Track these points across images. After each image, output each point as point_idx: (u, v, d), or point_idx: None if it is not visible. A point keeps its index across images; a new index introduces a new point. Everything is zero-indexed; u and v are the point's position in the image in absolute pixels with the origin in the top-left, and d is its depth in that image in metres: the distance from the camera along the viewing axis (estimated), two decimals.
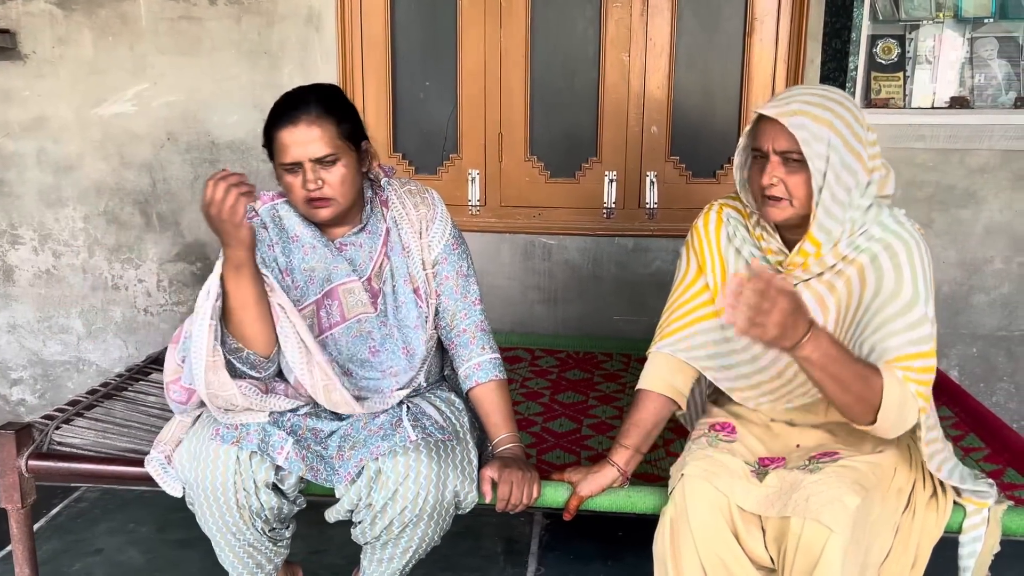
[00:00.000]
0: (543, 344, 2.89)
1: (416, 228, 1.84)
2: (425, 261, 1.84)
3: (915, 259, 1.55)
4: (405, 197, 1.86)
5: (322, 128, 1.68)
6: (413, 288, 1.83)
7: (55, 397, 3.23)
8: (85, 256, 3.15)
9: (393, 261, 1.83)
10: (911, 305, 1.53)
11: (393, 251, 1.83)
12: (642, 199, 3.02)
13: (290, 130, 1.68)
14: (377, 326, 1.82)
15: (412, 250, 1.83)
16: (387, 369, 1.83)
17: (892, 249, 1.56)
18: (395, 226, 1.84)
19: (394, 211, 1.85)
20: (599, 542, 2.53)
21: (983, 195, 2.83)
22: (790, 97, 1.56)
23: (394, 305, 1.83)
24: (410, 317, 1.83)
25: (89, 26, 2.96)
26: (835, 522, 1.44)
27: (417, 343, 1.84)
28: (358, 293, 1.80)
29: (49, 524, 2.61)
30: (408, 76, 3.07)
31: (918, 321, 1.53)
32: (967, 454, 2.02)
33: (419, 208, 1.85)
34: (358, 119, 1.79)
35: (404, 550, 1.71)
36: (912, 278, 1.54)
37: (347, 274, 1.80)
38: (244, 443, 1.65)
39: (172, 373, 1.78)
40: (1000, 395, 2.97)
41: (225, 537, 1.70)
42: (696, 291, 1.76)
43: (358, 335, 1.82)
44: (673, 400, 1.75)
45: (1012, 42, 2.78)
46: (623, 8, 2.91)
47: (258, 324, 1.70)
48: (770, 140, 1.55)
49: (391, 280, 1.83)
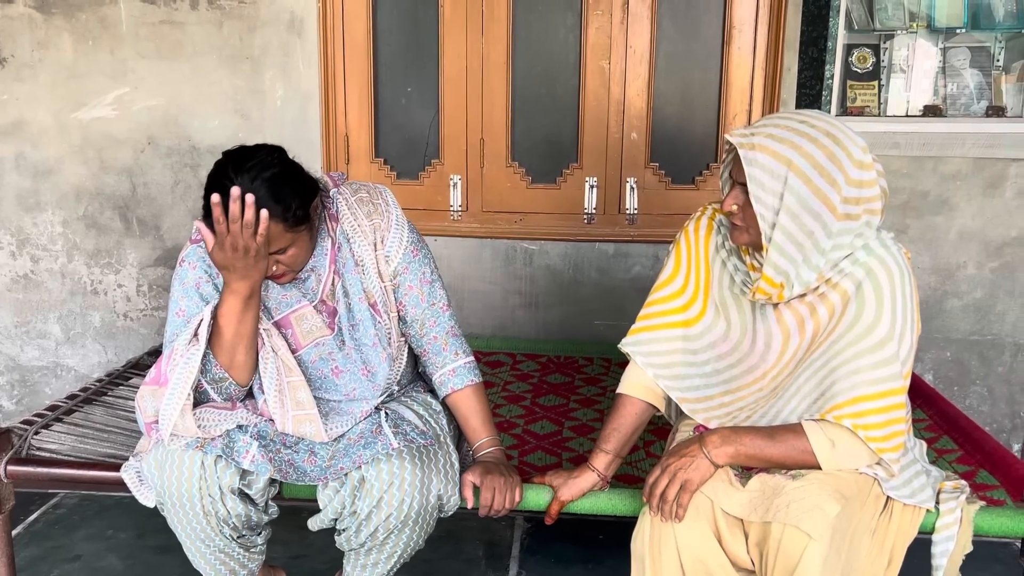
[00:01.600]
0: (524, 349, 2.91)
1: (370, 239, 1.76)
2: (383, 273, 1.77)
3: (897, 290, 1.54)
4: (356, 207, 1.77)
5: (271, 232, 1.58)
6: (370, 303, 1.77)
7: (33, 403, 3.20)
8: (64, 261, 3.13)
9: (345, 278, 1.76)
10: (884, 343, 1.52)
11: (345, 267, 1.76)
12: (622, 205, 3.05)
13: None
14: (337, 347, 1.78)
15: (367, 263, 1.76)
16: (350, 392, 1.79)
17: (876, 277, 1.54)
18: (346, 241, 1.76)
19: (345, 224, 1.76)
20: (580, 545, 2.55)
21: (956, 202, 2.88)
22: (762, 126, 1.53)
23: (350, 324, 1.77)
24: (367, 335, 1.77)
25: (69, 30, 2.95)
26: (815, 529, 1.45)
27: (376, 361, 1.78)
28: (311, 318, 1.75)
29: (27, 531, 2.59)
30: (390, 82, 3.08)
31: (887, 360, 1.52)
32: (940, 456, 2.06)
33: (372, 217, 1.77)
34: (303, 187, 1.65)
35: (389, 555, 1.71)
36: (892, 311, 1.53)
37: (297, 300, 1.75)
38: (208, 447, 1.62)
39: (151, 417, 1.68)
40: (973, 398, 3.02)
41: (195, 544, 1.68)
42: (670, 294, 1.74)
43: (319, 359, 1.78)
44: (652, 404, 1.77)
45: (984, 52, 2.84)
46: (604, 16, 2.94)
47: (251, 353, 1.69)
48: (737, 166, 1.54)
49: (344, 298, 1.76)
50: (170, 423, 1.62)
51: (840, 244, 1.52)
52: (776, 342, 1.64)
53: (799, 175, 1.47)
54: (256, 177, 1.57)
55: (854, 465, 1.56)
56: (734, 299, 1.69)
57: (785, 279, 1.54)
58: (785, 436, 1.55)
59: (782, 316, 1.62)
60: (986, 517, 1.70)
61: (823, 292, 1.57)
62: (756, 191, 1.49)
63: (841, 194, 1.49)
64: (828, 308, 1.57)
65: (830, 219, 1.50)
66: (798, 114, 1.55)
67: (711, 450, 1.54)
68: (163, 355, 1.72)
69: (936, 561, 1.67)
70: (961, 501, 1.68)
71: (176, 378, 1.64)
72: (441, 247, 3.00)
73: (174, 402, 1.63)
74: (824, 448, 1.53)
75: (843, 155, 1.49)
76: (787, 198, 1.48)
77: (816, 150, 1.48)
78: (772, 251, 1.52)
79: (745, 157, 1.49)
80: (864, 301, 1.53)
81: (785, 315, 1.62)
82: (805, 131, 1.49)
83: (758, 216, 1.51)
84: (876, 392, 1.51)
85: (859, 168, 1.50)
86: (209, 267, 1.74)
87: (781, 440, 1.55)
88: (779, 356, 1.64)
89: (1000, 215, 2.87)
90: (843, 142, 1.50)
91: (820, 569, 1.45)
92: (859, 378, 1.52)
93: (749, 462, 1.56)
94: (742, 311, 1.68)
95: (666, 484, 1.54)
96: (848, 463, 1.55)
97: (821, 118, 1.53)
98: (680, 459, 1.55)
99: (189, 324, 1.70)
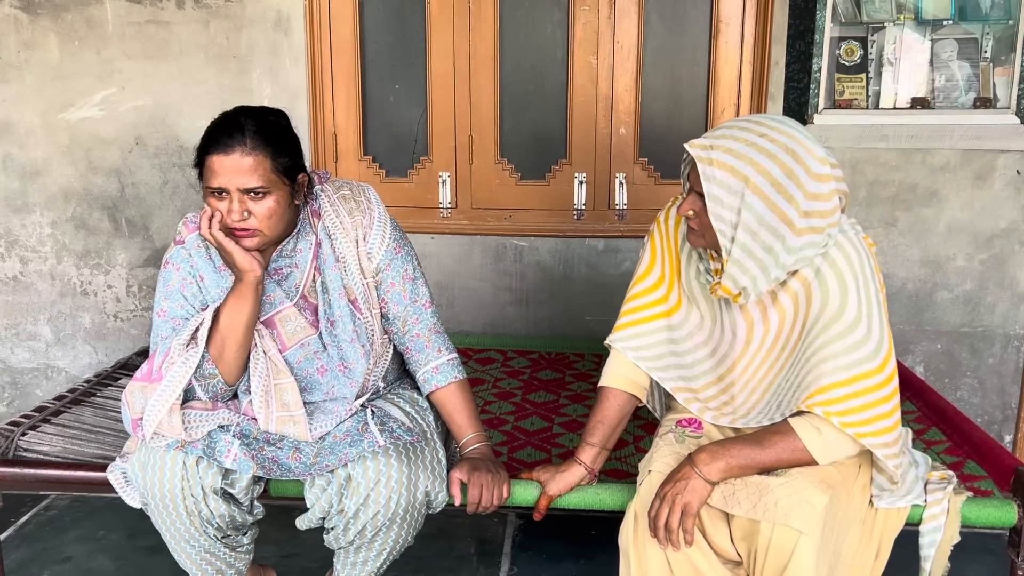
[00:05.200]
0: (515, 345, 2.91)
1: (352, 236, 1.77)
2: (365, 269, 1.78)
3: (857, 271, 1.53)
4: (339, 204, 1.78)
5: (256, 160, 1.61)
6: (350, 300, 1.77)
7: (24, 405, 3.19)
8: (53, 262, 3.12)
9: (325, 274, 1.76)
10: (853, 326, 1.51)
11: (326, 263, 1.76)
12: (611, 200, 3.04)
13: (221, 158, 1.60)
14: (321, 347, 1.78)
15: (348, 260, 1.77)
16: (330, 390, 1.79)
17: (833, 262, 1.53)
18: (327, 238, 1.76)
19: (327, 220, 1.77)
20: (571, 541, 2.55)
21: (945, 194, 2.88)
22: (721, 137, 1.51)
23: (329, 320, 1.77)
24: (346, 331, 1.76)
25: (55, 31, 2.94)
26: (804, 524, 1.45)
27: (354, 358, 1.77)
28: (295, 319, 1.75)
29: (17, 533, 2.58)
30: (377, 79, 3.07)
31: (860, 341, 1.51)
32: (929, 447, 2.06)
33: (354, 215, 1.78)
34: (298, 152, 1.71)
35: (378, 553, 1.71)
36: (856, 293, 1.52)
37: (280, 301, 1.75)
38: (189, 448, 1.62)
39: (138, 413, 1.68)
40: (964, 390, 3.03)
41: (180, 544, 1.68)
42: (649, 287, 1.75)
43: (304, 359, 1.78)
44: (635, 395, 1.77)
45: (971, 43, 2.84)
46: (591, 11, 2.93)
47: (244, 350, 1.70)
48: (695, 173, 1.53)
49: (324, 294, 1.77)
50: (155, 421, 1.62)
51: (804, 257, 1.52)
52: (741, 331, 1.64)
53: (756, 192, 1.48)
54: (259, 119, 1.64)
55: (844, 454, 1.55)
56: (701, 289, 1.70)
57: (743, 291, 1.55)
58: (773, 439, 1.54)
59: (745, 306, 1.63)
60: (973, 508, 1.70)
61: (784, 280, 1.57)
62: (714, 208, 1.49)
63: (800, 208, 1.48)
64: (790, 296, 1.58)
65: (788, 234, 1.49)
66: (759, 124, 1.52)
67: (702, 468, 1.53)
68: (154, 352, 1.72)
69: (924, 552, 1.67)
70: (948, 492, 1.68)
71: (170, 378, 1.64)
72: (431, 244, 3.00)
73: (163, 400, 1.63)
74: (815, 441, 1.52)
75: (801, 170, 1.48)
76: (744, 215, 1.48)
77: (773, 166, 1.47)
78: (731, 266, 1.52)
79: (703, 173, 1.49)
80: (827, 287, 1.53)
81: (748, 304, 1.62)
82: (764, 146, 1.48)
83: (717, 232, 1.51)
84: (848, 377, 1.50)
85: (817, 181, 1.49)
86: (193, 268, 1.74)
87: (770, 444, 1.54)
88: (745, 345, 1.64)
89: (989, 207, 2.87)
90: (801, 156, 1.48)
91: (813, 562, 1.45)
92: (829, 365, 1.51)
93: (744, 472, 1.54)
94: (709, 301, 1.69)
95: (667, 513, 1.53)
96: (839, 453, 1.54)
97: (781, 130, 1.50)
98: (675, 484, 1.54)
99: (186, 324, 1.70)
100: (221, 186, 1.62)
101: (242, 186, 1.61)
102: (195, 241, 1.75)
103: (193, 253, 1.75)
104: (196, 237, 1.75)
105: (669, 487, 1.54)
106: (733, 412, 1.68)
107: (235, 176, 1.60)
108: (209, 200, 1.65)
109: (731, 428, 1.71)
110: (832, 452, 1.54)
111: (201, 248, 1.75)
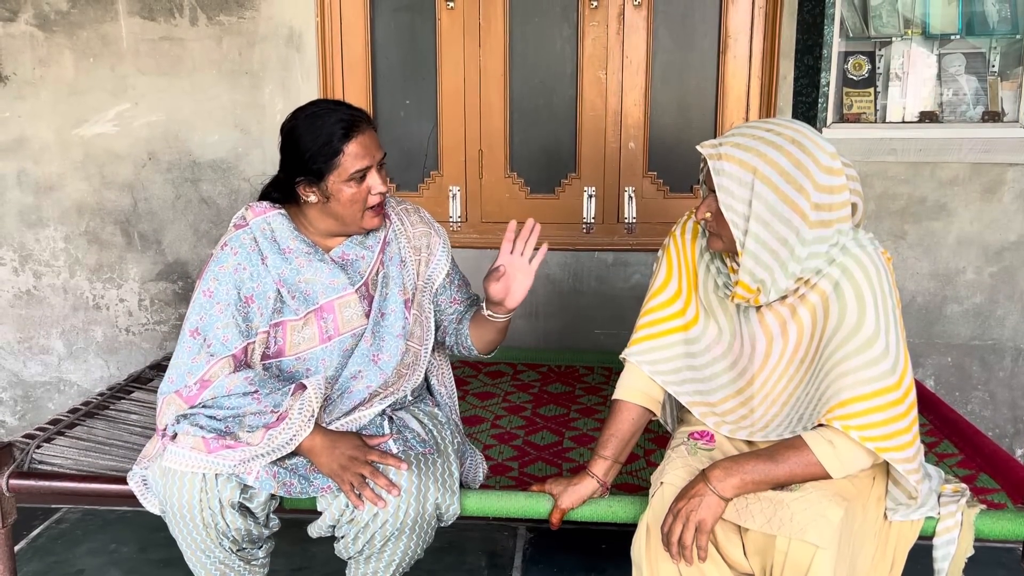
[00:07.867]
0: (525, 358, 2.91)
1: (413, 244, 1.89)
2: (420, 274, 1.90)
3: (875, 286, 1.54)
4: (403, 215, 1.92)
5: (374, 132, 1.79)
6: (404, 299, 1.86)
7: (36, 419, 3.21)
8: (66, 276, 3.15)
9: (389, 270, 1.85)
10: (872, 341, 1.52)
11: (391, 261, 1.86)
12: (621, 214, 3.06)
13: (361, 138, 1.73)
14: (366, 336, 1.82)
15: (408, 263, 1.88)
16: (355, 372, 1.82)
17: (852, 275, 1.54)
18: (395, 238, 1.88)
19: (395, 224, 1.89)
20: (582, 554, 2.54)
21: (954, 207, 2.88)
22: (730, 135, 1.55)
23: (381, 312, 1.84)
24: (396, 326, 1.84)
25: (70, 47, 2.97)
26: (821, 538, 1.45)
27: (393, 351, 1.83)
28: (353, 307, 1.80)
29: (30, 546, 2.59)
30: (388, 95, 3.10)
31: (878, 357, 1.51)
32: (941, 460, 2.06)
33: (417, 226, 1.91)
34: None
35: (387, 564, 1.72)
36: (874, 308, 1.53)
37: (344, 287, 1.80)
38: None
39: (164, 425, 1.71)
40: (975, 403, 3.02)
41: (196, 554, 1.69)
42: (665, 301, 1.76)
43: (348, 349, 1.82)
44: (649, 409, 1.77)
45: (979, 57, 2.85)
46: (600, 27, 2.96)
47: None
48: (710, 175, 1.55)
49: (384, 288, 1.85)
50: (215, 467, 1.63)
51: (816, 252, 1.54)
52: (761, 344, 1.64)
53: (765, 181, 1.49)
54: (341, 102, 1.80)
55: (859, 468, 1.55)
56: (720, 302, 1.71)
57: (761, 285, 1.56)
58: (787, 454, 1.54)
59: (764, 319, 1.63)
60: (987, 520, 1.70)
61: (803, 294, 1.58)
62: (725, 199, 1.51)
63: (811, 200, 1.50)
64: (808, 309, 1.58)
65: (802, 226, 1.51)
66: (765, 122, 1.57)
67: (716, 484, 1.52)
68: (191, 352, 1.70)
69: (938, 565, 1.67)
70: (961, 504, 1.68)
71: (223, 456, 1.63)
72: None
73: (202, 465, 1.63)
74: (829, 455, 1.52)
75: (809, 161, 1.50)
76: (756, 205, 1.50)
77: (781, 156, 1.49)
78: (746, 258, 1.54)
79: (713, 167, 1.52)
80: (845, 301, 1.54)
81: (767, 317, 1.63)
82: (771, 139, 1.51)
83: (730, 224, 1.53)
84: (869, 392, 1.50)
85: (827, 174, 1.51)
86: (254, 251, 1.76)
87: (784, 459, 1.53)
88: (764, 359, 1.64)
89: (998, 219, 2.88)
90: (809, 148, 1.50)
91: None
92: (848, 380, 1.52)
93: (758, 488, 1.53)
94: (728, 314, 1.70)
95: (681, 530, 1.52)
96: (853, 466, 1.54)
97: (788, 125, 1.54)
98: (688, 501, 1.53)
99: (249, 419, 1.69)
100: (367, 165, 1.74)
101: (379, 158, 1.77)
102: (260, 224, 1.78)
103: (258, 236, 1.77)
104: (261, 221, 1.79)
105: (683, 503, 1.53)
106: (751, 426, 1.68)
107: (376, 150, 1.76)
108: (351, 187, 1.74)
109: (744, 442, 1.71)
110: (846, 466, 1.54)
111: (267, 230, 1.78)
